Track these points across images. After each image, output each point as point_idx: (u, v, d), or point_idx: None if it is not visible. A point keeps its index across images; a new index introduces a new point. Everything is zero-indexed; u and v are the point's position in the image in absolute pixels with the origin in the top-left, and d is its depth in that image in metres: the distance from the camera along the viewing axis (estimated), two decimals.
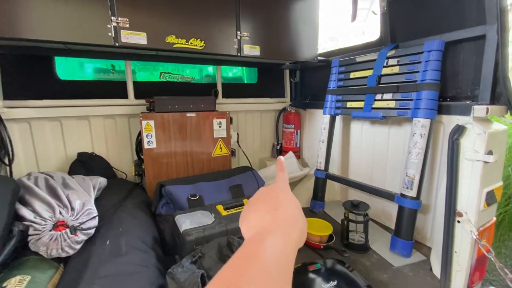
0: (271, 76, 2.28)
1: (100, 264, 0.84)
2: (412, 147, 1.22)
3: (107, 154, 1.74)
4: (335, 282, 0.96)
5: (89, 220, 0.99)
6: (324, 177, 1.70)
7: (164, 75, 1.92)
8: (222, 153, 1.81)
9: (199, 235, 1.02)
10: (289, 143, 2.21)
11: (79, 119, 1.64)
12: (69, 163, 1.61)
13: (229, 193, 1.48)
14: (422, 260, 1.23)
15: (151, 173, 1.59)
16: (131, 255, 0.93)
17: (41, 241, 0.91)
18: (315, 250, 1.31)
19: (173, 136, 1.62)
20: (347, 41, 1.68)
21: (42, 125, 1.55)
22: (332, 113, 1.67)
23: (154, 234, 1.18)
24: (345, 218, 1.34)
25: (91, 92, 1.67)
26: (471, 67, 1.15)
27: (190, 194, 1.38)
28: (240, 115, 2.15)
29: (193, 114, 1.67)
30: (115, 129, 1.75)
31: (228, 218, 1.14)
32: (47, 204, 1.01)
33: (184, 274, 0.76)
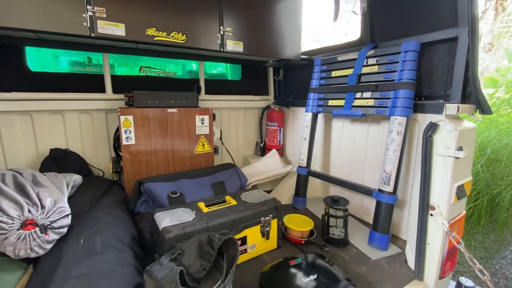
0: (255, 73, 2.27)
1: (73, 263, 0.80)
2: (390, 144, 1.26)
3: (82, 150, 1.66)
4: (315, 275, 0.98)
5: (61, 218, 0.94)
6: (306, 174, 1.73)
7: (144, 70, 1.87)
8: (205, 150, 1.79)
9: (179, 232, 1.00)
10: (272, 141, 2.22)
11: (52, 114, 1.56)
12: (40, 160, 1.52)
13: (211, 190, 1.46)
14: (398, 253, 1.28)
15: (130, 170, 1.54)
16: (106, 254, 0.89)
17: (7, 241, 0.85)
18: (297, 246, 1.33)
19: (153, 132, 1.57)
20: (330, 42, 1.73)
21: (11, 120, 1.46)
22: (314, 111, 1.70)
23: (132, 233, 1.15)
24: (326, 214, 1.36)
25: (66, 85, 1.59)
26: (444, 68, 1.20)
27: (171, 192, 1.35)
28: (223, 112, 2.13)
29: (175, 110, 1.63)
30: (91, 124, 1.68)
31: (209, 215, 1.13)
32: (14, 202, 0.94)
33: (162, 272, 0.74)
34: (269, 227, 1.24)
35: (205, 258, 0.90)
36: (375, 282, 1.08)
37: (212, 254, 0.87)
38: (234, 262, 0.83)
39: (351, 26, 4.40)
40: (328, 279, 0.98)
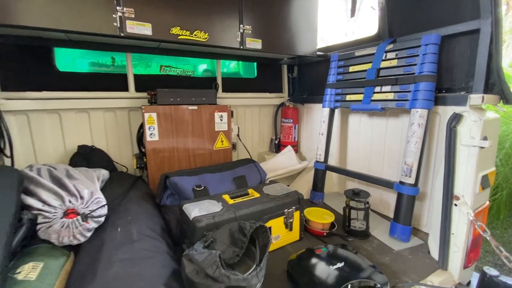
0: (270, 71, 2.31)
1: (115, 249, 0.85)
2: (411, 136, 1.27)
3: (107, 147, 1.72)
4: (342, 263, 1.00)
5: (98, 208, 0.99)
6: (323, 168, 1.75)
7: (164, 69, 1.92)
8: (224, 146, 1.83)
9: (209, 222, 1.03)
10: (287, 138, 2.25)
11: (79, 112, 1.62)
12: (68, 156, 1.59)
13: (233, 184, 1.50)
14: (420, 244, 1.29)
15: (154, 165, 1.59)
16: (143, 241, 0.94)
17: (52, 229, 0.90)
18: (318, 237, 1.35)
19: (175, 129, 1.62)
20: (335, 40, 1.78)
21: (41, 118, 1.53)
22: (331, 106, 1.72)
23: (161, 224, 1.19)
24: (347, 206, 1.38)
25: (91, 84, 1.65)
26: (465, 60, 1.21)
27: (195, 185, 1.39)
28: (239, 109, 2.16)
29: (195, 107, 1.68)
30: (115, 122, 1.74)
31: (235, 206, 1.16)
32: (54, 193, 1.00)
33: (201, 256, 0.77)
34: (292, 219, 1.27)
35: (237, 245, 0.93)
36: (399, 272, 1.10)
37: (245, 241, 0.91)
38: (266, 248, 0.86)
39: (357, 25, 4.43)
40: (355, 267, 1.00)
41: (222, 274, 0.71)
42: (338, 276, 0.94)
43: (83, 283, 0.72)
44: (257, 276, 0.77)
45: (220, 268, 0.71)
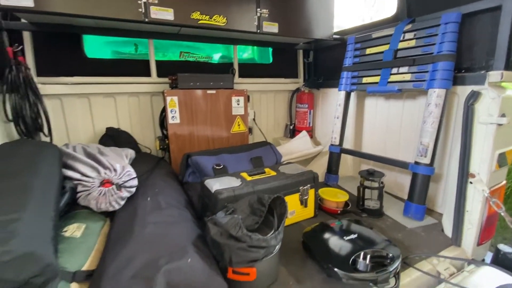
0: (285, 56, 2.32)
1: (147, 214, 0.95)
2: (427, 116, 1.28)
3: (131, 130, 1.83)
4: (355, 235, 1.06)
5: (130, 180, 1.09)
6: (338, 151, 1.78)
7: (184, 55, 1.99)
8: (240, 130, 1.90)
9: (229, 194, 1.11)
10: (302, 123, 2.28)
11: (106, 97, 1.73)
12: (97, 138, 1.71)
13: (250, 164, 1.57)
14: (434, 223, 1.31)
15: (176, 146, 1.68)
16: (170, 210, 1.03)
17: (91, 196, 1.01)
18: (332, 215, 1.40)
19: (194, 112, 1.70)
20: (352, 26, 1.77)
21: (72, 101, 1.64)
22: (347, 89, 1.73)
23: (184, 198, 1.28)
24: (361, 185, 1.42)
25: (116, 70, 1.75)
26: (486, 38, 1.19)
27: (215, 164, 1.47)
28: (255, 95, 2.21)
29: (213, 91, 1.74)
30: (138, 106, 1.84)
31: (253, 182, 1.23)
32: (90, 166, 1.11)
33: (224, 219, 0.85)
34: (307, 196, 1.33)
35: (256, 214, 1.00)
36: (412, 246, 1.13)
37: (263, 210, 0.98)
38: (283, 216, 0.92)
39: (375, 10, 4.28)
40: (368, 239, 1.04)
41: (244, 234, 0.78)
42: (351, 246, 0.99)
43: (123, 240, 0.81)
44: (276, 238, 0.84)
45: (243, 228, 0.78)
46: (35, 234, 0.66)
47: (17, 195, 0.75)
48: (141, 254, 0.73)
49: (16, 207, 0.70)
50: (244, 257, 0.80)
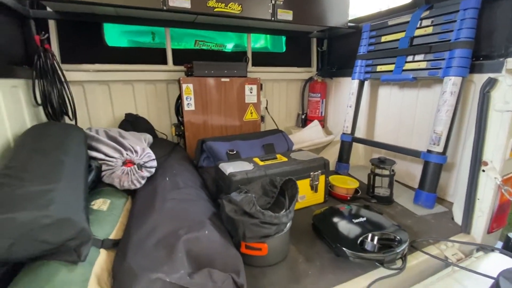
0: (298, 45, 2.32)
1: (166, 192, 1.01)
2: (442, 104, 1.27)
3: (148, 116, 1.90)
4: (363, 219, 1.09)
5: (150, 160, 1.16)
6: (350, 140, 1.79)
7: (199, 43, 2.02)
8: (253, 118, 1.93)
9: (242, 177, 1.16)
10: (314, 112, 2.29)
11: (125, 84, 1.80)
12: (116, 123, 1.79)
13: (262, 150, 1.61)
14: (444, 211, 1.32)
15: (191, 132, 1.74)
16: (187, 189, 1.09)
17: (115, 174, 1.08)
18: (342, 201, 1.43)
19: (209, 100, 1.75)
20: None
21: (94, 88, 1.73)
22: (361, 78, 1.73)
23: (200, 180, 1.34)
24: (372, 173, 1.44)
25: (135, 58, 1.81)
26: (507, 24, 1.16)
27: (228, 149, 1.53)
28: (267, 84, 2.23)
29: (227, 79, 1.78)
30: (155, 93, 1.90)
31: (265, 167, 1.27)
32: (113, 148, 1.18)
33: (238, 197, 0.90)
34: (317, 182, 1.36)
35: (268, 195, 1.05)
36: (421, 232, 1.16)
37: (275, 191, 1.02)
38: (294, 197, 0.96)
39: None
40: (376, 223, 1.07)
41: (257, 211, 0.83)
42: (359, 228, 1.03)
43: (145, 213, 0.88)
44: (287, 216, 0.88)
45: (256, 205, 0.83)
46: (69, 203, 0.73)
47: (51, 169, 0.82)
48: (162, 226, 0.79)
49: (52, 179, 0.77)
50: (257, 233, 0.85)
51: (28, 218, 0.61)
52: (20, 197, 0.68)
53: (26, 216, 0.61)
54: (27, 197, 0.68)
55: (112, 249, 0.83)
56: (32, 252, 0.67)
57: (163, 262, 0.65)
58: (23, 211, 0.62)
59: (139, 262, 0.66)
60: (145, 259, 0.56)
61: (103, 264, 0.76)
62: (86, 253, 0.71)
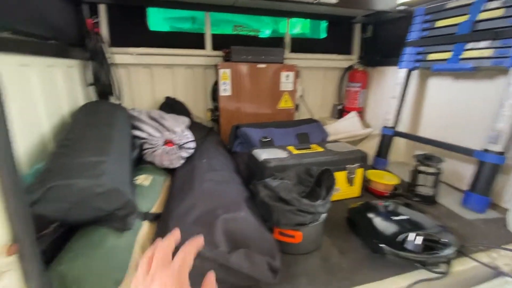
0: (339, 31, 2.20)
1: (203, 172, 1.04)
2: (506, 98, 1.13)
3: (185, 100, 1.95)
4: (404, 217, 1.02)
5: (189, 142, 1.19)
6: (391, 134, 1.68)
7: (237, 28, 2.01)
8: (287, 106, 1.90)
9: (277, 164, 1.15)
10: (352, 103, 2.18)
11: (165, 68, 1.86)
12: (156, 105, 1.87)
13: (296, 139, 1.58)
14: (497, 218, 1.19)
15: (225, 118, 1.76)
16: (223, 171, 1.11)
17: (156, 153, 1.14)
18: (379, 197, 1.36)
19: (244, 86, 1.74)
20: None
21: (137, 71, 1.81)
22: (409, 67, 1.59)
23: (234, 164, 1.36)
24: (415, 170, 1.34)
25: (175, 43, 1.85)
26: None
27: (262, 136, 1.52)
28: (303, 72, 2.15)
29: (263, 65, 1.75)
30: (193, 78, 1.94)
31: (300, 155, 1.25)
32: (154, 128, 1.23)
33: (274, 183, 0.89)
34: (354, 175, 1.31)
35: (303, 184, 1.03)
36: (467, 236, 1.06)
37: (311, 181, 1.00)
38: (331, 188, 0.93)
39: None
40: (419, 222, 1.00)
41: (294, 198, 0.81)
42: (399, 226, 0.97)
43: (184, 191, 0.91)
44: (323, 206, 0.86)
45: (293, 192, 0.82)
46: (118, 175, 0.78)
47: (102, 143, 0.88)
48: (201, 204, 0.82)
49: (103, 152, 0.83)
50: (292, 220, 0.84)
51: (84, 185, 0.67)
52: (77, 166, 0.74)
53: (83, 184, 0.67)
54: (83, 167, 0.74)
55: (153, 222, 0.88)
56: (85, 217, 0.73)
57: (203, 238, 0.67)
58: (80, 179, 0.68)
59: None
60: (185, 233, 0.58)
61: (145, 235, 0.81)
62: (132, 223, 0.75)
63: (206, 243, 0.65)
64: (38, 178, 0.67)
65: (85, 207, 0.69)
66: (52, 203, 0.64)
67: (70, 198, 0.66)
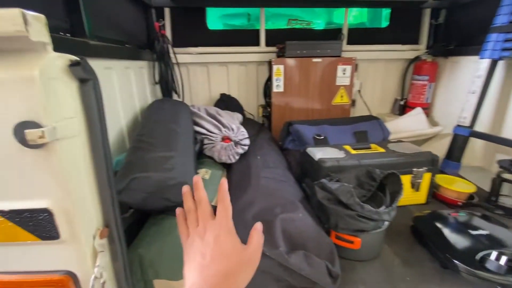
0: (404, 18, 1.98)
1: (259, 170, 1.06)
2: None
3: (238, 97, 2.01)
4: (485, 231, 0.89)
5: (244, 138, 1.23)
6: (467, 134, 1.47)
7: (291, 22, 1.97)
8: (343, 102, 1.80)
9: (333, 164, 1.10)
10: (417, 98, 1.96)
11: (220, 65, 1.93)
12: (212, 102, 1.96)
13: (353, 138, 1.50)
14: None
15: (277, 114, 1.76)
16: (277, 169, 1.12)
17: (215, 148, 1.20)
18: (450, 206, 1.21)
19: (298, 81, 1.71)
20: None
21: (195, 69, 1.92)
22: (494, 57, 1.36)
23: (286, 161, 1.36)
24: (498, 177, 1.15)
25: (230, 40, 1.91)
26: None
27: (316, 134, 1.47)
28: (361, 64, 2.01)
29: (319, 59, 1.69)
30: (245, 75, 1.98)
31: (359, 156, 1.18)
32: (213, 125, 1.30)
33: (333, 185, 0.86)
34: (420, 180, 1.18)
35: (363, 187, 0.97)
36: None
37: (373, 185, 0.94)
38: (398, 194, 0.86)
39: None
40: (503, 238, 0.86)
41: (356, 203, 0.77)
42: (477, 242, 0.85)
43: (242, 187, 0.95)
44: (389, 214, 0.80)
45: (355, 197, 0.78)
46: (185, 169, 0.85)
47: (170, 139, 0.96)
48: (259, 201, 0.84)
49: (172, 147, 0.91)
50: (352, 225, 0.81)
51: (159, 178, 0.74)
52: (150, 160, 0.82)
53: (158, 176, 0.74)
54: (156, 161, 0.82)
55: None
56: (158, 206, 0.81)
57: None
58: (155, 172, 0.75)
59: (239, 232, 0.72)
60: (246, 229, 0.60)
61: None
62: None
63: (266, 242, 0.67)
64: (122, 170, 0.76)
65: (158, 197, 0.77)
66: (133, 192, 0.73)
67: (147, 189, 0.74)
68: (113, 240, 0.58)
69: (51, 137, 0.42)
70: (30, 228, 0.48)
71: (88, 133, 0.52)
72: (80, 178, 0.50)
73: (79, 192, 0.50)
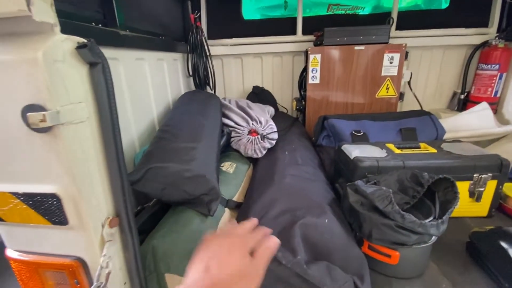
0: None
1: (285, 166, 0.99)
2: None
3: (272, 89, 1.93)
4: None
5: (272, 132, 1.16)
6: None
7: (332, 8, 1.81)
8: (388, 94, 1.60)
9: (372, 164, 0.97)
10: (483, 91, 1.66)
11: (255, 57, 1.87)
12: (245, 94, 1.92)
13: (398, 135, 1.32)
14: None
15: (312, 108, 1.64)
16: (306, 166, 1.02)
17: (241, 142, 1.15)
18: None
19: (337, 72, 1.56)
20: None
21: (229, 61, 1.89)
22: None
23: (318, 159, 1.25)
24: None
25: (265, 30, 1.83)
26: None
27: (354, 130, 1.33)
28: (412, 52, 1.76)
29: (362, 47, 1.52)
30: (280, 66, 1.89)
31: (404, 156, 1.02)
32: (241, 117, 1.25)
33: (369, 189, 0.75)
34: (483, 188, 0.98)
35: (406, 193, 0.83)
36: None
37: (419, 190, 0.79)
38: (451, 204, 0.71)
39: None
40: None
41: (395, 211, 0.65)
42: None
43: (265, 184, 0.88)
44: (437, 228, 0.66)
45: (394, 204, 0.66)
46: (205, 162, 0.81)
47: (195, 130, 0.94)
48: (281, 200, 0.76)
49: (195, 139, 0.88)
50: (389, 237, 0.69)
51: (175, 169, 0.72)
52: (170, 151, 0.80)
53: (174, 168, 0.72)
54: (176, 152, 0.79)
55: (234, 210, 0.89)
56: (175, 198, 0.79)
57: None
58: (172, 163, 0.73)
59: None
60: None
61: (227, 222, 0.83)
62: (215, 209, 0.77)
63: (283, 249, 0.60)
64: (142, 160, 0.76)
65: (176, 189, 0.74)
66: (150, 182, 0.72)
67: (163, 180, 0.72)
68: (124, 230, 0.57)
69: (54, 121, 0.41)
70: (42, 211, 0.49)
71: (98, 119, 0.50)
72: (88, 165, 0.49)
73: (87, 179, 0.48)
